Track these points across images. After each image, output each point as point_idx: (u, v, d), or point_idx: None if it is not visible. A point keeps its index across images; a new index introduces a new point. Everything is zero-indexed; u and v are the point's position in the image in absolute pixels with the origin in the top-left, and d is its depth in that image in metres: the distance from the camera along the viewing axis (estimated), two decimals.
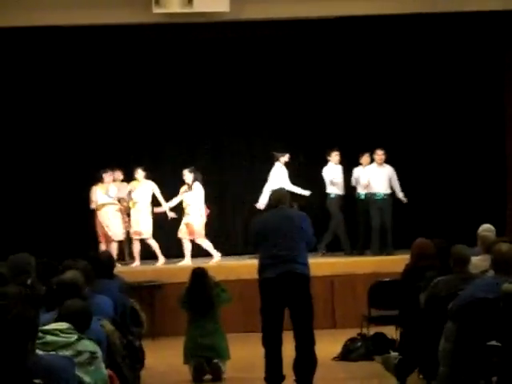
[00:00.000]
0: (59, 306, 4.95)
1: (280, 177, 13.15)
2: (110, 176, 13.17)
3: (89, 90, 14.12)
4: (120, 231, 13.17)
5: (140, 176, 13.19)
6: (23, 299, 5.01)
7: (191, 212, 12.87)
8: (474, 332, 6.06)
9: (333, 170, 13.37)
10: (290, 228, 7.83)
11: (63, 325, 4.63)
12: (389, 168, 13.22)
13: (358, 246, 13.30)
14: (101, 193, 13.07)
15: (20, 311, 3.86)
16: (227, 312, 9.67)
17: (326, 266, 12.12)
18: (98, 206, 13.05)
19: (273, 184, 12.74)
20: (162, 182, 13.64)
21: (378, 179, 13.12)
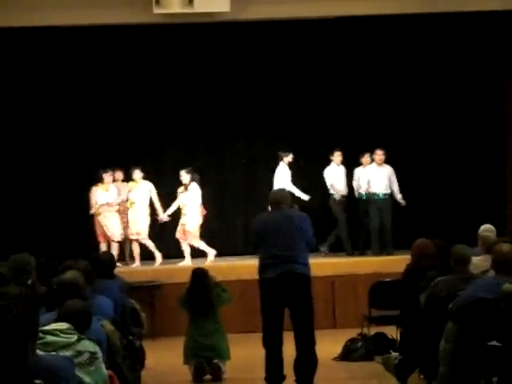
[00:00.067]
0: (59, 307, 4.95)
1: (282, 177, 13.13)
2: (110, 176, 13.16)
3: (89, 91, 14.11)
4: (119, 231, 13.16)
5: (138, 177, 13.18)
6: (23, 299, 5.01)
7: (188, 212, 12.87)
8: (475, 332, 6.06)
9: (334, 172, 13.36)
10: (290, 228, 7.82)
11: (63, 325, 4.62)
12: (388, 168, 13.20)
13: (360, 247, 13.31)
14: (101, 193, 13.08)
15: (20, 311, 3.86)
16: (227, 312, 9.66)
17: (327, 266, 12.13)
18: (98, 208, 13.05)
19: (277, 184, 12.73)
20: (163, 183, 13.65)
21: (378, 179, 13.10)
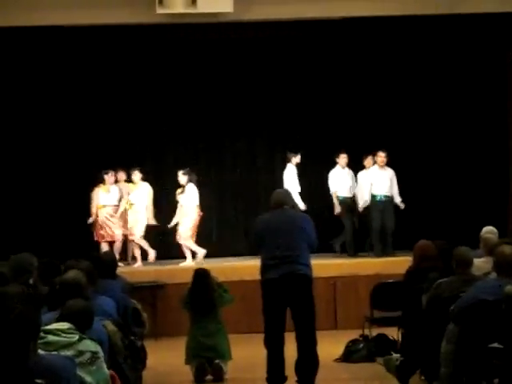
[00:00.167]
0: (61, 306, 4.95)
1: (289, 178, 13.10)
2: (112, 177, 13.18)
3: (91, 91, 14.12)
4: (119, 232, 13.18)
5: (137, 178, 13.20)
6: (25, 299, 5.00)
7: (184, 213, 12.86)
8: (476, 334, 6.05)
9: (339, 174, 13.34)
10: (292, 229, 7.83)
11: (65, 325, 4.63)
12: (390, 171, 13.17)
13: (367, 248, 13.30)
14: (103, 194, 13.10)
15: (22, 311, 3.86)
16: (229, 313, 9.66)
17: (329, 268, 12.11)
18: (96, 212, 13.10)
19: (286, 186, 12.68)
20: (164, 183, 13.65)
21: (380, 181, 13.08)
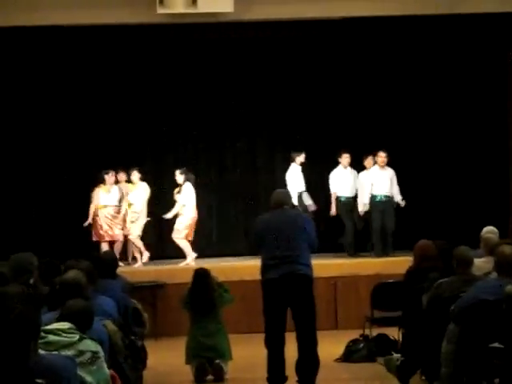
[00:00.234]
0: (61, 306, 4.94)
1: (293, 178, 13.09)
2: (112, 177, 13.20)
3: (91, 91, 14.11)
4: (119, 232, 13.19)
5: (136, 178, 13.21)
6: (25, 299, 5.00)
7: (182, 212, 12.86)
8: (477, 334, 6.05)
9: (341, 174, 13.34)
10: (293, 229, 7.82)
11: (65, 324, 4.62)
12: (390, 171, 13.17)
13: (369, 248, 13.29)
14: (103, 194, 13.11)
15: (22, 311, 3.85)
16: (230, 312, 9.66)
17: (330, 267, 12.11)
18: (94, 212, 13.10)
19: (290, 186, 12.66)
20: (164, 183, 13.64)
21: (380, 181, 13.07)
